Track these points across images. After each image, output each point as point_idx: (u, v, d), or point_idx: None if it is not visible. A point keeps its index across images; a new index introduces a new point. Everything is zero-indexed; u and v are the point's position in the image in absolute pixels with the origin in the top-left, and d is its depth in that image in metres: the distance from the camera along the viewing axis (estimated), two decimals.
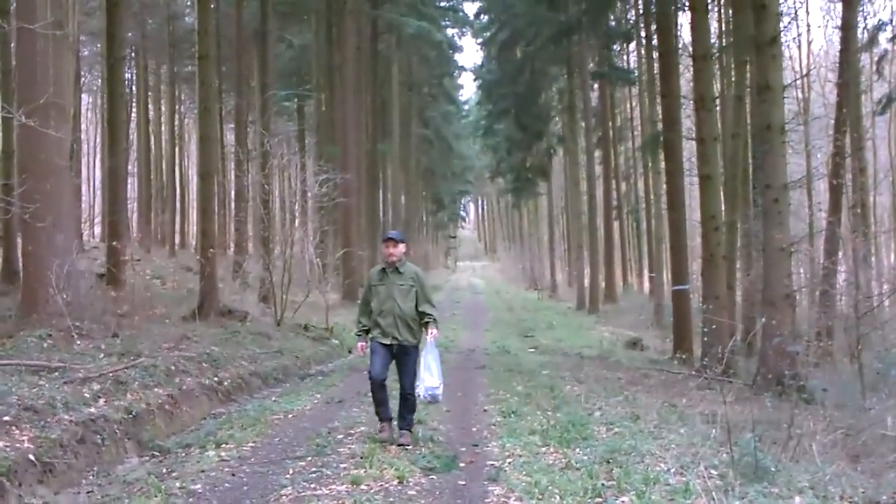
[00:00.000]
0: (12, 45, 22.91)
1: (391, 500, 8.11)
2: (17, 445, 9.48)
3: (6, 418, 10.07)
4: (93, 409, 11.45)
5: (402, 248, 11.08)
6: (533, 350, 25.42)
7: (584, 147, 51.00)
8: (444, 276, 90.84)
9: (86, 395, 11.87)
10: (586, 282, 47.26)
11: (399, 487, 8.60)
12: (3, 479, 8.65)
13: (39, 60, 16.34)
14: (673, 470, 8.90)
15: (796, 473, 8.84)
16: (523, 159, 58.52)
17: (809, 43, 66.59)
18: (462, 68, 75.84)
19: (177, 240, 54.41)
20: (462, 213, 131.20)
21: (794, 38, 44.34)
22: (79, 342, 14.89)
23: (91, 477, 10.21)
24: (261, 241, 30.47)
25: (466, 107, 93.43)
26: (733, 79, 28.30)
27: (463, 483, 8.87)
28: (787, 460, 9.58)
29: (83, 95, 51.72)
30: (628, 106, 58.58)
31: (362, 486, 8.57)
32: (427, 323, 10.95)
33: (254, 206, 33.14)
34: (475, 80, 68.17)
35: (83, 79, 48.15)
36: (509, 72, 53.35)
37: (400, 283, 10.95)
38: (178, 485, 8.96)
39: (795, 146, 32.30)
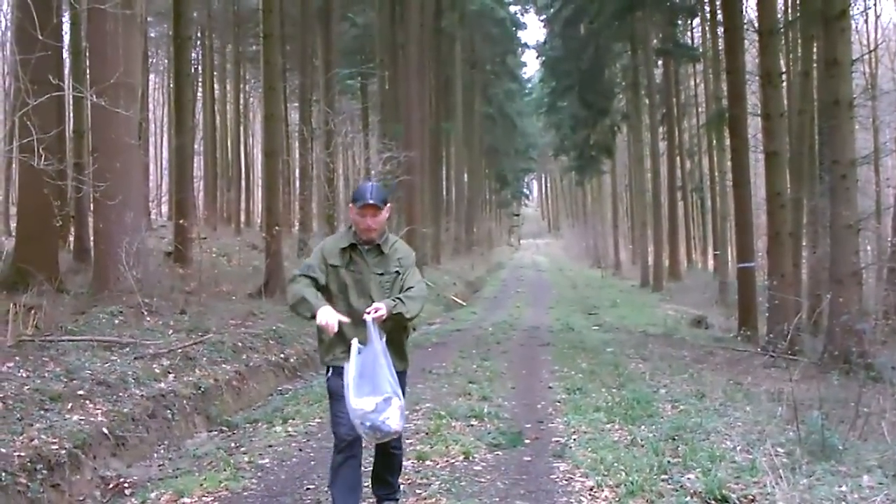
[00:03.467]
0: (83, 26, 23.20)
1: (457, 475, 8.15)
2: (91, 419, 9.67)
3: (80, 392, 10.28)
4: (163, 385, 11.65)
5: (384, 215, 6.42)
6: (597, 327, 25.33)
7: (649, 124, 50.73)
8: (508, 254, 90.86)
9: (156, 370, 12.07)
10: (650, 259, 46.94)
11: (465, 463, 8.64)
12: (78, 451, 8.83)
13: (109, 40, 16.56)
14: (739, 447, 8.87)
15: (864, 452, 8.78)
16: (587, 136, 58.12)
17: (878, 16, 65.40)
18: (525, 45, 75.30)
19: (242, 218, 54.75)
20: (525, 190, 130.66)
21: (861, 12, 43.52)
22: (148, 319, 15.12)
23: (161, 451, 10.40)
24: (325, 219, 30.66)
25: (530, 84, 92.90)
26: (800, 54, 27.95)
27: (528, 459, 8.89)
28: (855, 439, 9.51)
29: (151, 75, 52.20)
30: (693, 82, 57.97)
31: (428, 462, 8.64)
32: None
33: (318, 183, 33.38)
34: (538, 57, 67.71)
35: (151, 59, 48.60)
36: (573, 48, 52.96)
37: (379, 272, 6.43)
38: (246, 459, 9.09)
39: (863, 122, 31.91)
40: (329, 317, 5.91)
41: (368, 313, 5.93)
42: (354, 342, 5.88)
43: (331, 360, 6.35)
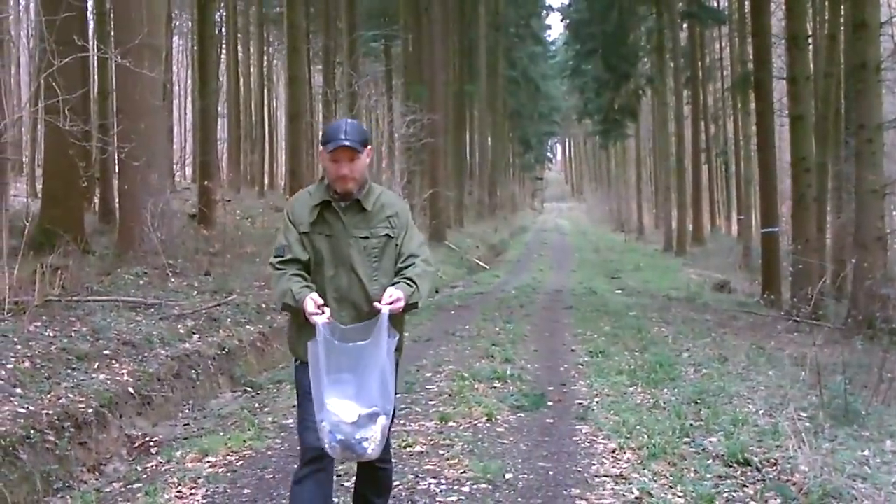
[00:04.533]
0: None
1: (480, 437, 8.20)
2: (118, 379, 9.75)
3: (106, 352, 10.36)
4: (187, 345, 11.73)
5: (364, 160, 4.98)
6: (620, 291, 25.32)
7: (673, 88, 50.47)
8: (531, 218, 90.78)
9: (181, 331, 12.15)
10: (673, 224, 46.78)
11: (488, 425, 8.68)
12: (105, 410, 8.91)
13: (133, 2, 16.57)
14: (762, 411, 8.91)
15: (888, 417, 8.80)
16: (611, 100, 57.85)
17: None
18: (550, 8, 75.42)
19: (266, 180, 54.89)
20: (549, 154, 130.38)
21: None
22: (173, 280, 15.22)
23: (186, 410, 10.49)
24: None
25: (554, 47, 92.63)
26: (827, 16, 27.69)
27: (551, 421, 8.94)
28: (878, 404, 9.51)
29: (175, 37, 52.18)
30: (718, 46, 57.63)
31: (451, 423, 8.68)
32: (397, 283, 4.92)
33: None
34: (563, 19, 67.63)
35: (175, 21, 48.55)
36: (597, 11, 52.65)
37: (363, 235, 5.01)
38: (270, 419, 9.17)
39: (890, 85, 31.65)
40: (310, 306, 4.63)
41: (389, 303, 4.62)
42: (320, 323, 4.50)
43: (304, 351, 4.67)
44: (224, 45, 51.65)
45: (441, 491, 6.67)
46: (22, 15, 42.59)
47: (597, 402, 9.68)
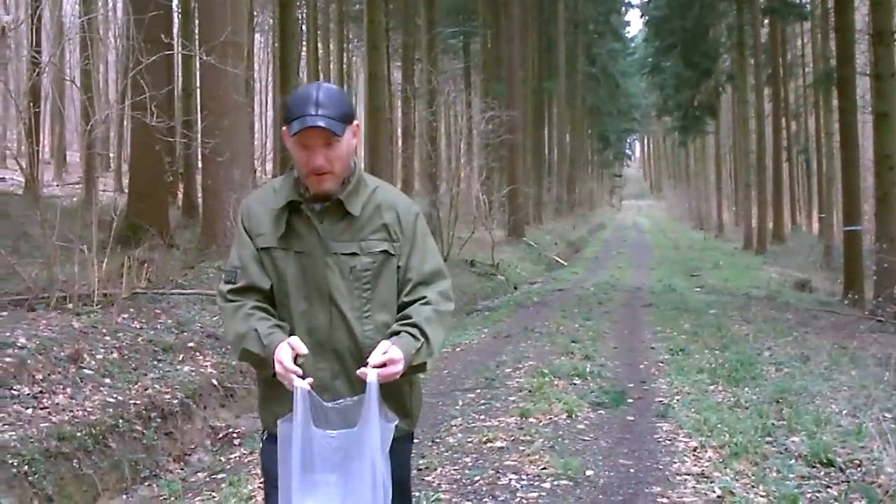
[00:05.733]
0: None
1: (560, 433, 8.17)
2: (202, 370, 9.92)
3: (190, 344, 10.54)
4: None
5: (346, 144, 3.48)
6: (699, 289, 25.13)
7: (754, 84, 49.86)
8: (609, 215, 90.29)
9: None
10: (753, 222, 46.28)
11: (568, 421, 8.65)
12: (189, 401, 9.07)
13: (218, 1, 16.80)
14: (845, 411, 8.80)
15: None
16: (691, 97, 57.36)
17: None
18: (629, 4, 74.69)
19: None
20: (628, 151, 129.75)
21: None
22: None
23: None
24: (427, 178, 30.82)
25: (633, 44, 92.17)
26: None
27: (631, 418, 8.90)
28: None
29: (256, 35, 52.68)
30: (800, 42, 56.92)
31: (531, 419, 8.66)
32: (398, 334, 3.43)
33: (420, 142, 33.54)
34: (642, 16, 67.26)
35: (256, 18, 49.02)
36: (677, 7, 52.22)
37: (348, 251, 3.52)
38: None
39: None
40: (286, 359, 3.23)
41: (379, 366, 3.25)
42: (298, 386, 3.18)
43: (273, 423, 3.40)
44: (304, 42, 52.05)
45: (522, 486, 6.69)
46: (110, 15, 43.23)
47: (677, 400, 9.63)
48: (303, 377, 3.25)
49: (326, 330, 3.46)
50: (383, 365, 3.25)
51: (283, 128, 3.45)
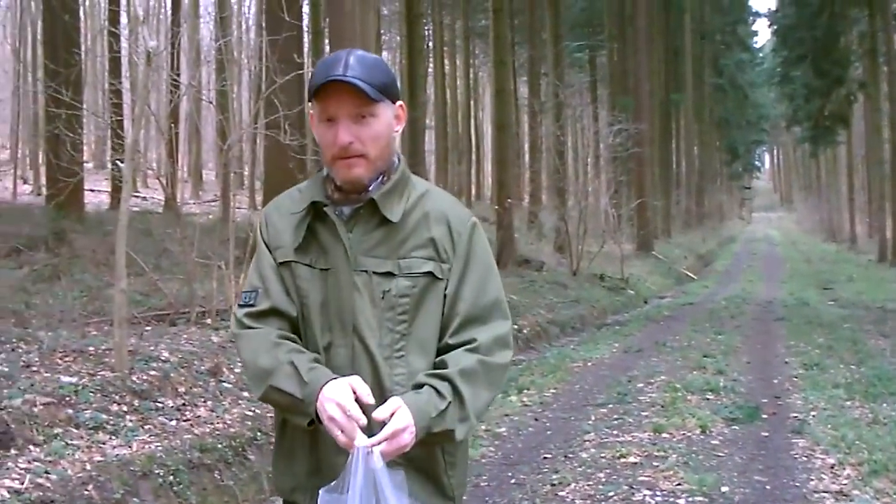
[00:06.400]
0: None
1: (694, 448, 8.15)
2: None
3: None
4: None
5: (385, 121, 2.76)
6: (832, 302, 24.65)
7: (887, 92, 48.79)
8: (739, 227, 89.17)
9: None
10: (888, 233, 45.25)
11: (702, 437, 8.62)
12: None
13: (348, 19, 17.08)
14: None
15: None
16: (821, 106, 56.28)
17: None
18: (756, 14, 73.68)
19: (472, 191, 55.53)
20: (757, 163, 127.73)
21: None
22: None
23: None
24: (556, 192, 30.81)
25: (761, 54, 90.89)
26: None
27: (766, 434, 8.83)
28: None
29: (383, 52, 53.31)
30: None
31: (664, 435, 8.65)
32: (417, 392, 2.65)
33: (548, 156, 33.54)
34: (770, 25, 65.80)
35: (383, 36, 49.61)
36: (806, 15, 51.32)
37: (381, 270, 2.75)
38: (483, 427, 9.24)
39: None
40: (349, 402, 2.52)
41: (384, 440, 2.51)
42: (360, 446, 2.47)
43: (293, 491, 2.85)
44: (431, 59, 52.49)
45: (656, 503, 6.69)
46: (244, 37, 44.25)
47: (813, 416, 9.50)
48: (331, 465, 2.66)
49: (346, 371, 2.66)
50: (391, 437, 2.49)
51: (309, 103, 2.79)
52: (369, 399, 2.53)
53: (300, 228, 2.80)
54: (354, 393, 2.53)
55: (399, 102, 2.82)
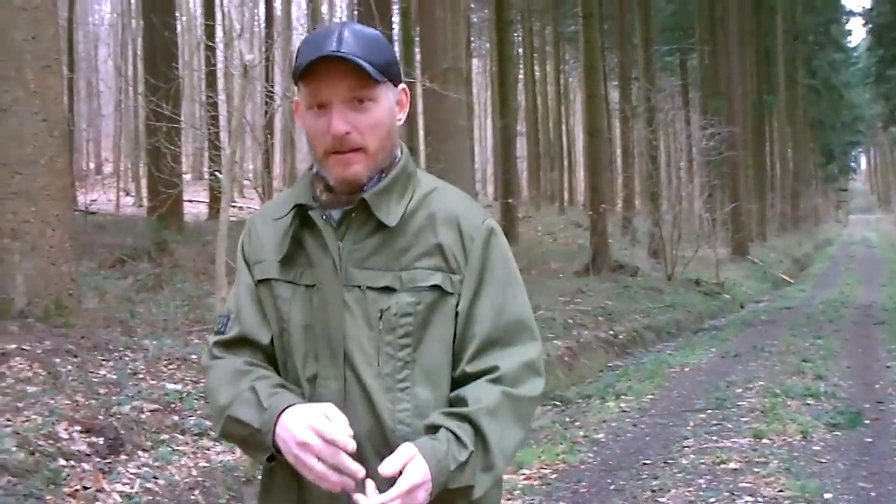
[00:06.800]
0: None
1: (795, 454, 8.05)
2: None
3: None
4: None
5: (386, 106, 2.31)
6: None
7: None
8: (836, 230, 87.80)
9: None
10: None
11: (803, 443, 8.51)
12: None
13: (439, 27, 17.20)
14: None
15: None
16: None
17: None
18: (850, 13, 72.40)
19: (565, 196, 55.48)
20: (853, 164, 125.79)
21: None
22: None
23: None
24: (649, 196, 30.66)
25: (856, 53, 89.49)
26: None
27: (869, 440, 8.70)
28: None
29: (473, 59, 53.54)
30: None
31: (765, 440, 8.57)
32: (433, 435, 2.20)
33: (640, 161, 33.40)
34: (865, 24, 64.98)
35: (472, 43, 49.82)
36: None
37: (378, 285, 2.30)
38: (581, 433, 9.28)
39: None
40: (326, 427, 2.14)
41: (393, 500, 2.11)
42: (358, 499, 2.12)
43: None
44: (521, 65, 52.57)
45: None
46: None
47: None
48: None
49: (338, 406, 2.21)
50: (404, 495, 2.11)
51: (295, 99, 2.43)
52: (346, 434, 2.13)
53: (285, 238, 2.37)
54: (332, 426, 2.13)
55: (402, 86, 2.39)
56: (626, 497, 7.10)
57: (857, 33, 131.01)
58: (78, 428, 6.54)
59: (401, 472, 2.10)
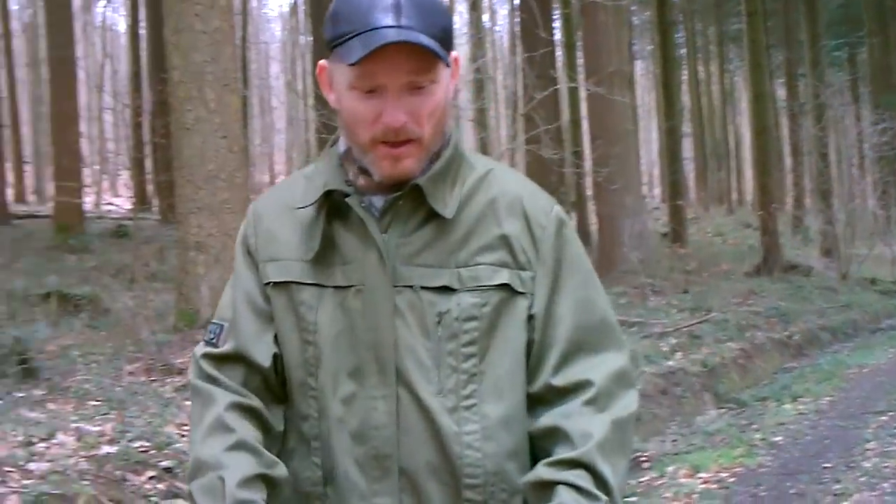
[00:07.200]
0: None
1: None
2: None
3: None
4: (671, 363, 11.95)
5: (444, 86, 1.90)
6: None
7: None
8: None
9: (664, 348, 12.42)
10: None
11: None
12: None
13: (602, 32, 17.26)
14: None
15: None
16: None
17: None
18: None
19: (733, 196, 54.74)
20: None
21: None
22: (652, 298, 15.61)
23: (674, 426, 10.65)
24: (819, 195, 30.02)
25: None
26: None
27: None
28: None
29: (636, 61, 53.30)
30: None
31: None
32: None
33: (810, 159, 32.69)
34: None
35: (634, 45, 49.59)
36: None
37: (435, 284, 1.91)
38: (758, 436, 9.14)
39: None
40: None
41: None
42: None
43: None
44: (684, 66, 52.03)
45: None
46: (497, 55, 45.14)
47: None
48: None
49: (390, 433, 1.91)
50: None
51: (321, 62, 2.00)
52: None
53: (313, 230, 1.97)
54: None
55: (454, 53, 1.94)
56: (807, 501, 7.00)
57: None
58: None
59: None
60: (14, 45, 36.13)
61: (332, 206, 1.95)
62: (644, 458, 9.34)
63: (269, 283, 2.01)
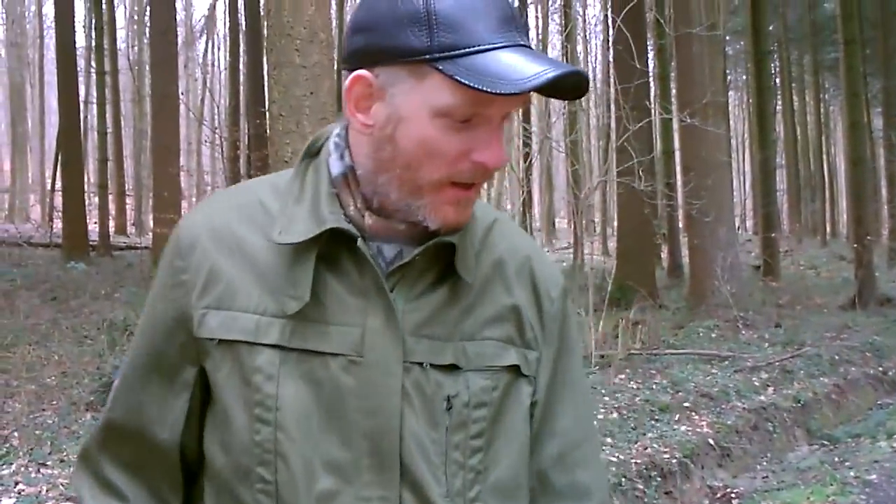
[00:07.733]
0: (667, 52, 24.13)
1: None
2: (697, 430, 10.09)
3: (686, 404, 10.76)
4: (762, 398, 11.85)
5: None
6: None
7: None
8: None
9: (755, 383, 12.32)
10: None
11: None
12: (687, 460, 9.27)
13: (696, 62, 17.22)
14: None
15: None
16: None
17: None
18: None
19: (827, 228, 54.03)
20: None
21: None
22: (744, 332, 15.48)
23: (764, 462, 10.57)
24: None
25: None
26: None
27: None
28: None
29: (730, 91, 52.97)
30: None
31: None
32: None
33: None
34: None
35: (728, 76, 49.32)
36: None
37: (440, 363, 1.53)
38: (852, 474, 9.02)
39: None
40: None
41: None
42: None
43: None
44: (779, 96, 51.53)
45: None
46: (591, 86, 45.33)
47: None
48: None
49: None
50: None
51: (360, 72, 1.48)
52: None
53: (297, 275, 1.51)
54: None
55: None
56: None
57: None
58: None
59: None
60: (119, 81, 36.82)
61: (333, 249, 1.52)
62: (734, 495, 9.30)
63: (216, 340, 1.53)
